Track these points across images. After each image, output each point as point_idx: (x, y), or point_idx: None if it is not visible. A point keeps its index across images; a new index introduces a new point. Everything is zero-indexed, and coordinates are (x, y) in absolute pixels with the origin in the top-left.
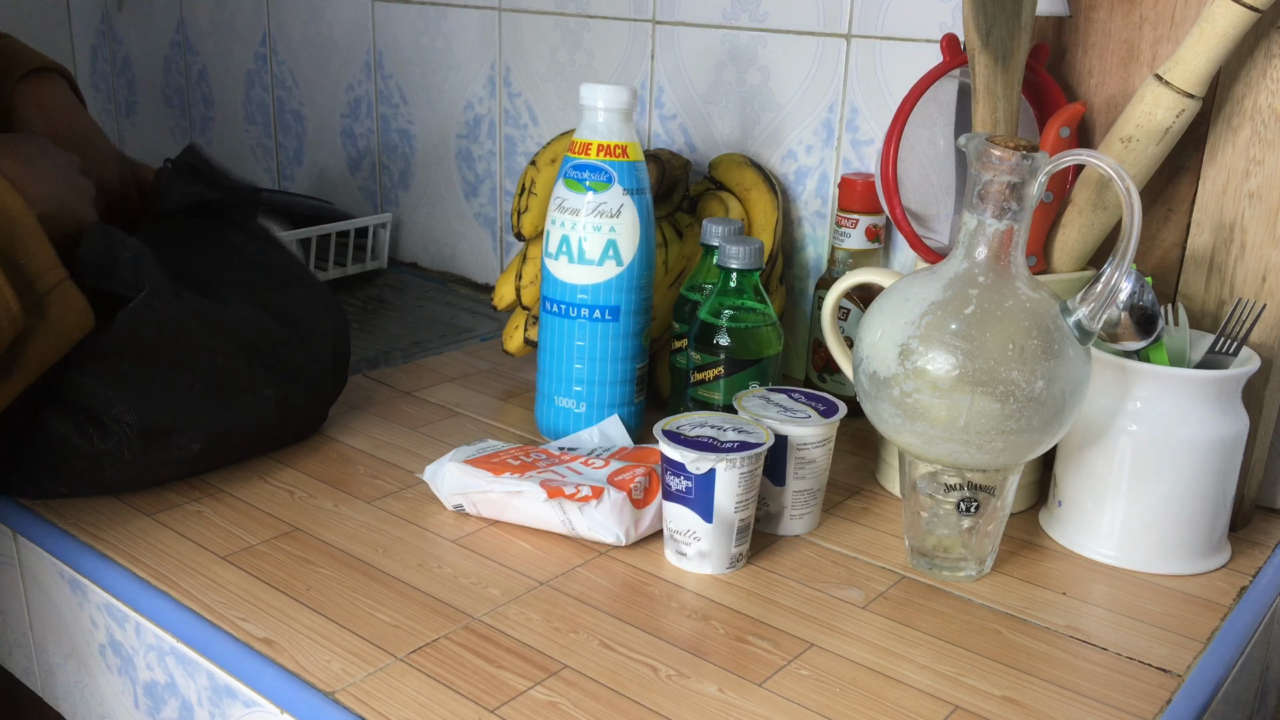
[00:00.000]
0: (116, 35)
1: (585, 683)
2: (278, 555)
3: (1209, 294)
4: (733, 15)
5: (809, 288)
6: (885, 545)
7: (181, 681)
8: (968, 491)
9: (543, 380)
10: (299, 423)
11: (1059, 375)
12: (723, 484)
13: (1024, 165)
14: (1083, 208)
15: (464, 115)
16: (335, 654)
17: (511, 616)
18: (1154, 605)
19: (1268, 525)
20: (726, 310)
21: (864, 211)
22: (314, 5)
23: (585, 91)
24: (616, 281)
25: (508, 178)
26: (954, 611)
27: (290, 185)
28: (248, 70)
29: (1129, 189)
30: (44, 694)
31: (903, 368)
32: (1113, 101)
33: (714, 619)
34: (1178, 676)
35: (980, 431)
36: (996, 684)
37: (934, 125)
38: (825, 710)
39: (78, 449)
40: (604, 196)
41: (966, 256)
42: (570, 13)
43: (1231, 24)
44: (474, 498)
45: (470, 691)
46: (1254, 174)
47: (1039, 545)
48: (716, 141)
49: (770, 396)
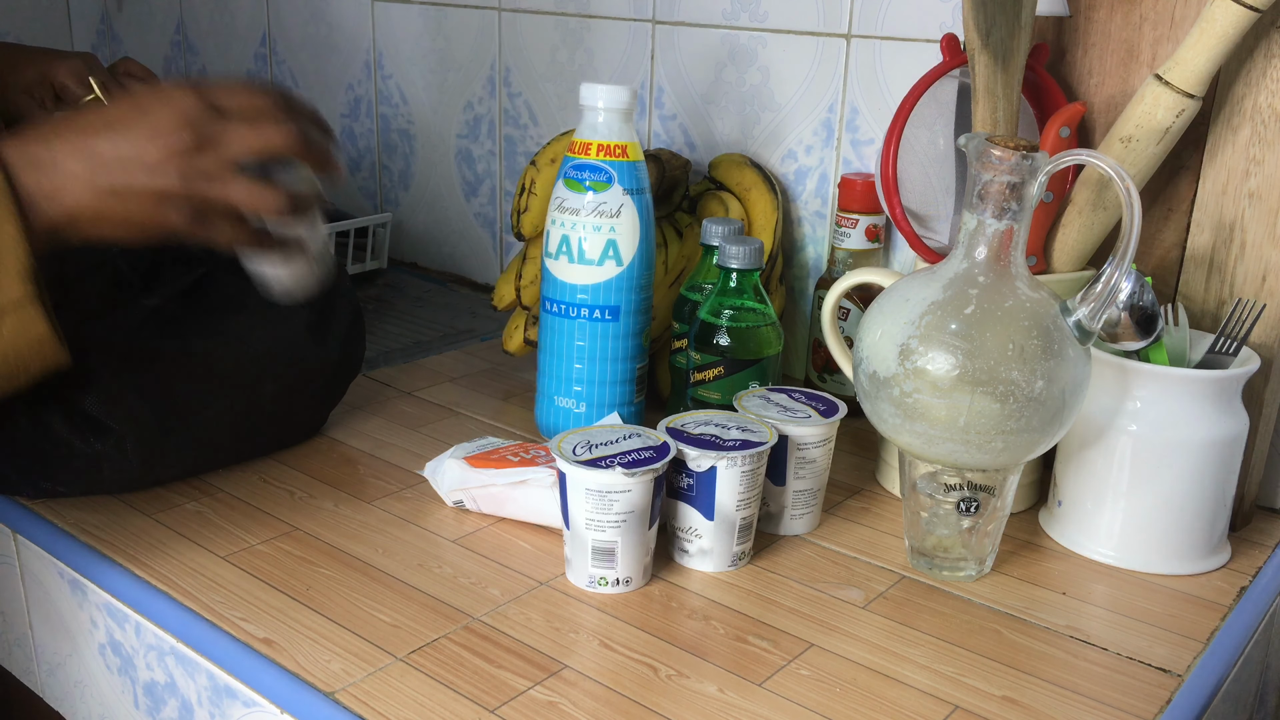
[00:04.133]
0: (116, 35)
1: (585, 683)
2: (278, 555)
3: (1209, 294)
4: (733, 15)
5: (809, 288)
6: (885, 545)
7: (181, 681)
8: (968, 491)
9: (543, 380)
10: (300, 423)
11: (1059, 375)
12: (724, 482)
13: (1024, 165)
14: (1083, 208)
15: (464, 115)
16: (335, 654)
17: (511, 616)
18: (1154, 605)
19: (1268, 525)
20: (726, 310)
21: (864, 211)
22: (314, 5)
23: (585, 91)
24: (616, 281)
25: (508, 178)
26: (954, 611)
27: None
28: (248, 70)
29: (1129, 189)
30: (44, 694)
31: (903, 368)
32: (1113, 101)
33: (714, 619)
34: (1178, 676)
35: (980, 431)
36: (996, 684)
37: (934, 125)
38: (825, 710)
39: (76, 449)
40: (604, 196)
41: (966, 256)
42: (570, 13)
43: (1231, 24)
44: (474, 493)
45: (470, 691)
46: (1254, 174)
47: (1039, 545)
48: (716, 141)
49: (770, 396)
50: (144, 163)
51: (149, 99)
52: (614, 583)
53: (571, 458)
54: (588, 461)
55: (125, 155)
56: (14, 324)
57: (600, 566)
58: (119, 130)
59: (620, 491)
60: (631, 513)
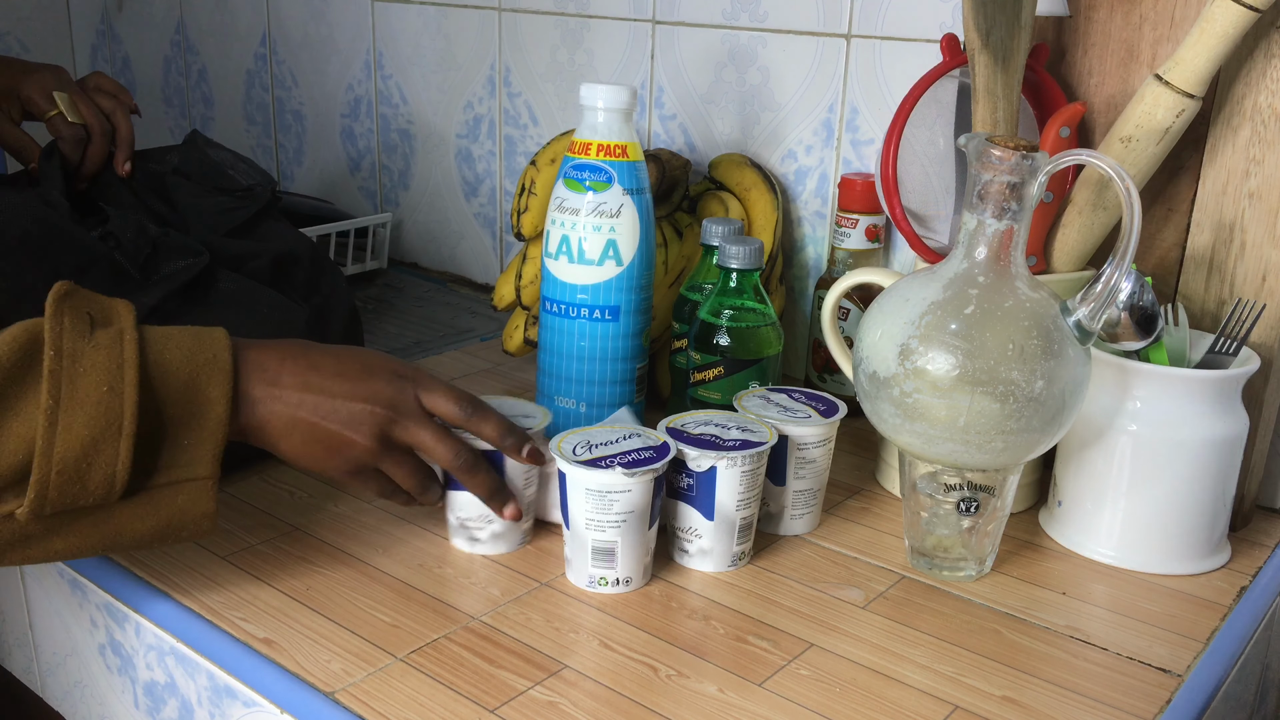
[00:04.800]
0: (116, 35)
1: (585, 683)
2: (278, 555)
3: (1209, 294)
4: (733, 15)
5: (809, 288)
6: (885, 545)
7: (181, 681)
8: (968, 491)
9: (543, 380)
10: None
11: (1059, 375)
12: (724, 482)
13: (1024, 165)
14: (1083, 208)
15: (464, 115)
16: (335, 654)
17: (511, 616)
18: (1154, 605)
19: (1268, 525)
20: (726, 310)
21: (864, 211)
22: (314, 5)
23: (585, 91)
24: (616, 281)
25: (508, 178)
26: (954, 611)
27: (290, 185)
28: (248, 70)
29: (1129, 189)
30: (44, 694)
31: (903, 368)
32: (1113, 101)
33: (714, 619)
34: (1178, 676)
35: (980, 431)
36: (996, 684)
37: (934, 125)
38: (825, 710)
39: None
40: (604, 196)
41: (966, 256)
42: (570, 13)
43: (1231, 24)
44: None
45: (470, 691)
46: (1254, 174)
47: (1039, 545)
48: (716, 141)
49: (770, 396)
50: (348, 414)
51: (376, 363)
52: (614, 583)
53: (571, 458)
54: (588, 461)
55: (334, 399)
56: (191, 496)
57: (600, 566)
58: (341, 377)
59: (620, 491)
60: (631, 513)
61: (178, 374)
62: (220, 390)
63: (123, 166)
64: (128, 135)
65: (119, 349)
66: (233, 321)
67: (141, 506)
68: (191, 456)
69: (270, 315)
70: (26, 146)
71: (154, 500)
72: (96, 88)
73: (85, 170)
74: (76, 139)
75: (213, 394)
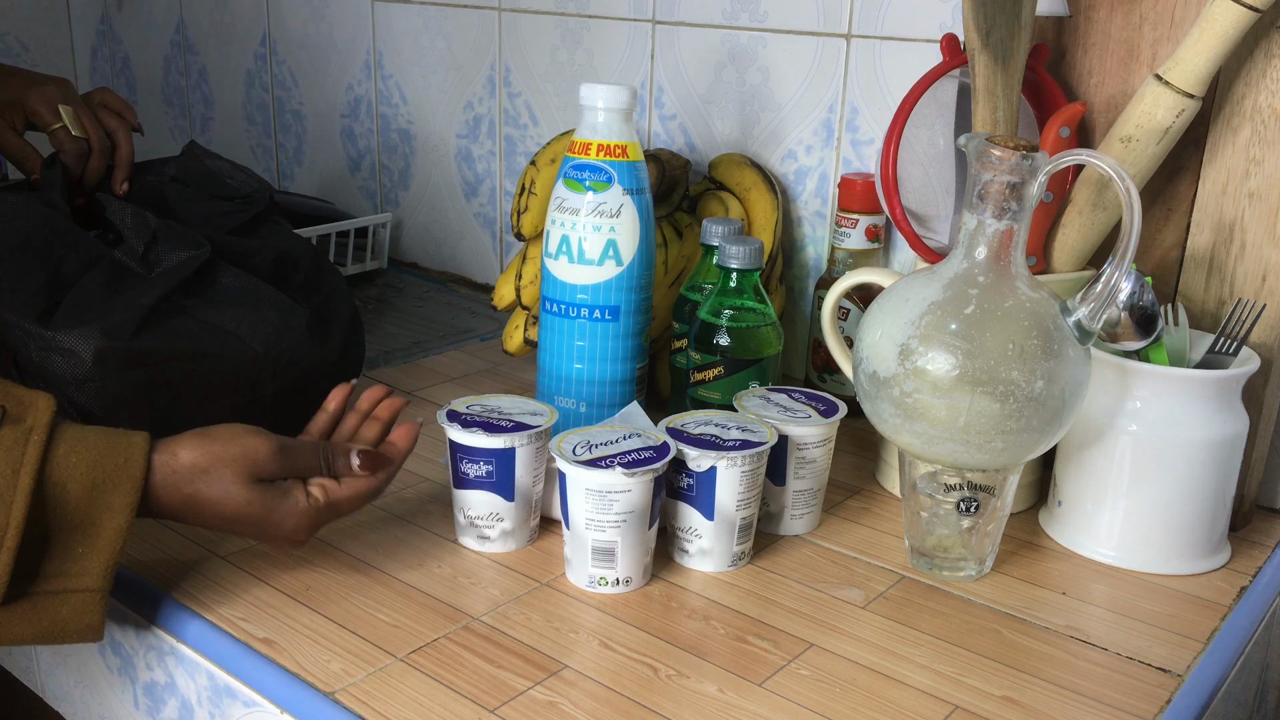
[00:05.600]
0: (116, 35)
1: (585, 683)
2: (278, 555)
3: (1209, 294)
4: (733, 15)
5: (809, 288)
6: (885, 545)
7: (181, 681)
8: (968, 491)
9: (543, 380)
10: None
11: (1059, 375)
12: (724, 482)
13: (1024, 165)
14: (1083, 208)
15: (464, 115)
16: (335, 654)
17: (511, 616)
18: (1154, 605)
19: (1268, 525)
20: (726, 310)
21: (864, 211)
22: (314, 5)
23: (585, 91)
24: (616, 281)
25: (508, 178)
26: (954, 611)
27: (290, 185)
28: (247, 70)
29: (1129, 189)
30: (44, 694)
31: (903, 368)
32: (1113, 101)
33: (714, 619)
34: (1178, 676)
35: (980, 431)
36: (996, 684)
37: (934, 125)
38: (825, 710)
39: None
40: (604, 196)
41: (966, 256)
42: (570, 13)
43: (1231, 24)
44: None
45: (470, 691)
46: (1254, 174)
47: (1039, 545)
48: (716, 141)
49: (770, 396)
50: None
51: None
52: (614, 583)
53: (571, 458)
54: (588, 461)
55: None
56: (75, 608)
57: (600, 566)
58: (247, 525)
59: (620, 491)
60: (631, 513)
61: (81, 480)
62: (124, 500)
63: (120, 186)
64: (127, 155)
65: (20, 452)
66: (234, 322)
67: (23, 612)
68: (83, 566)
69: (272, 313)
70: (29, 156)
71: (36, 607)
72: (102, 104)
73: (84, 184)
74: (79, 153)
75: (115, 502)
